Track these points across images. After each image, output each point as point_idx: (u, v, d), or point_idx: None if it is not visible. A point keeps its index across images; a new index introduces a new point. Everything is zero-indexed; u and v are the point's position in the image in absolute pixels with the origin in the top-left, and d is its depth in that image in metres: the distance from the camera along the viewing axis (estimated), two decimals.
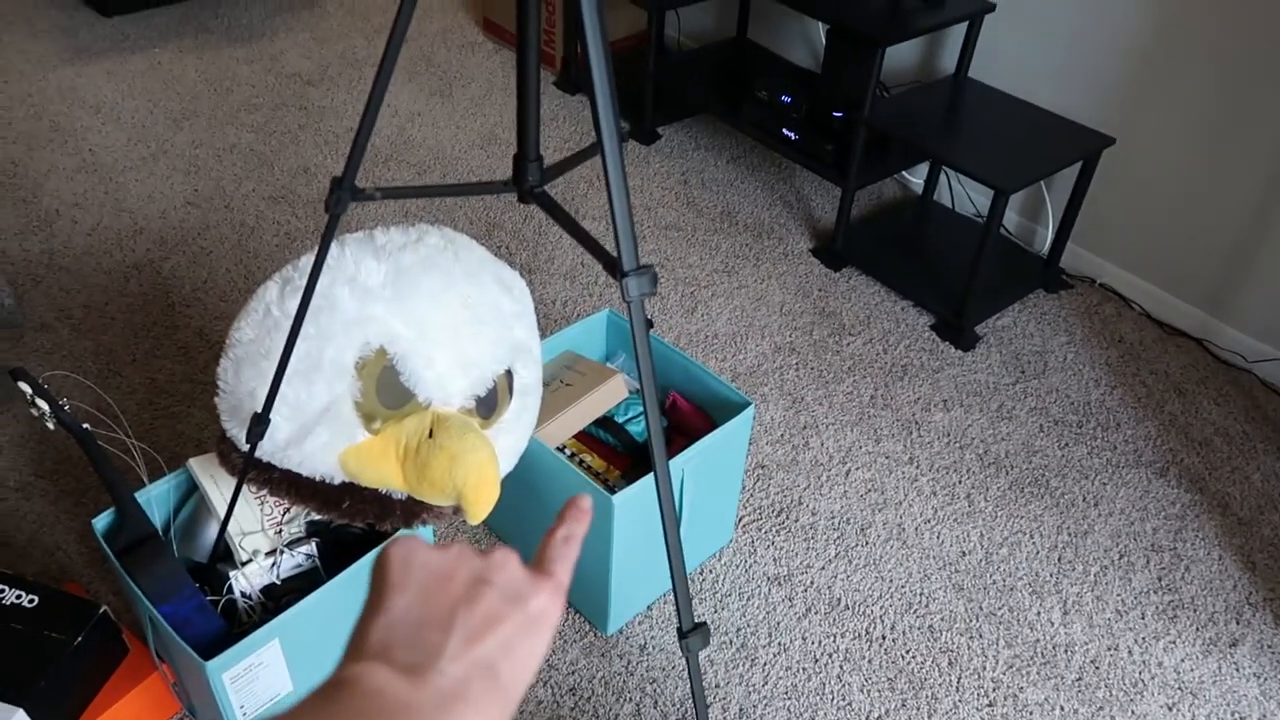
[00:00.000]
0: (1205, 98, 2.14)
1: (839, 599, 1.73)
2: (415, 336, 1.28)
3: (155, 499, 1.44)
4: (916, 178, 2.77)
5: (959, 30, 2.43)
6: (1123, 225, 2.40)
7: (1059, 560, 1.83)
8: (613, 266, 0.95)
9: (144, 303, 2.25)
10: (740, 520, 1.86)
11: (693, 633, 1.19)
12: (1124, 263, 2.43)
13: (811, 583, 1.76)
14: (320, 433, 1.27)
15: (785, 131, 2.53)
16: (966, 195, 2.66)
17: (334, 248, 1.31)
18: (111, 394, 2.01)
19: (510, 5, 3.25)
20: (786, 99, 2.56)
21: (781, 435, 2.04)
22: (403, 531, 1.33)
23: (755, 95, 2.62)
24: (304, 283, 1.21)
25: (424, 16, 3.53)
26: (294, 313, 1.22)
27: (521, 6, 0.94)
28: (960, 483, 1.97)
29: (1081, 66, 2.32)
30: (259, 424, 1.25)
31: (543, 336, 1.71)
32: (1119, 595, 1.77)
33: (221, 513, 1.40)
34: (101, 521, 1.36)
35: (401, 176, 2.73)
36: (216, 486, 1.44)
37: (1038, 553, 1.84)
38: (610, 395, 1.64)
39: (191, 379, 2.06)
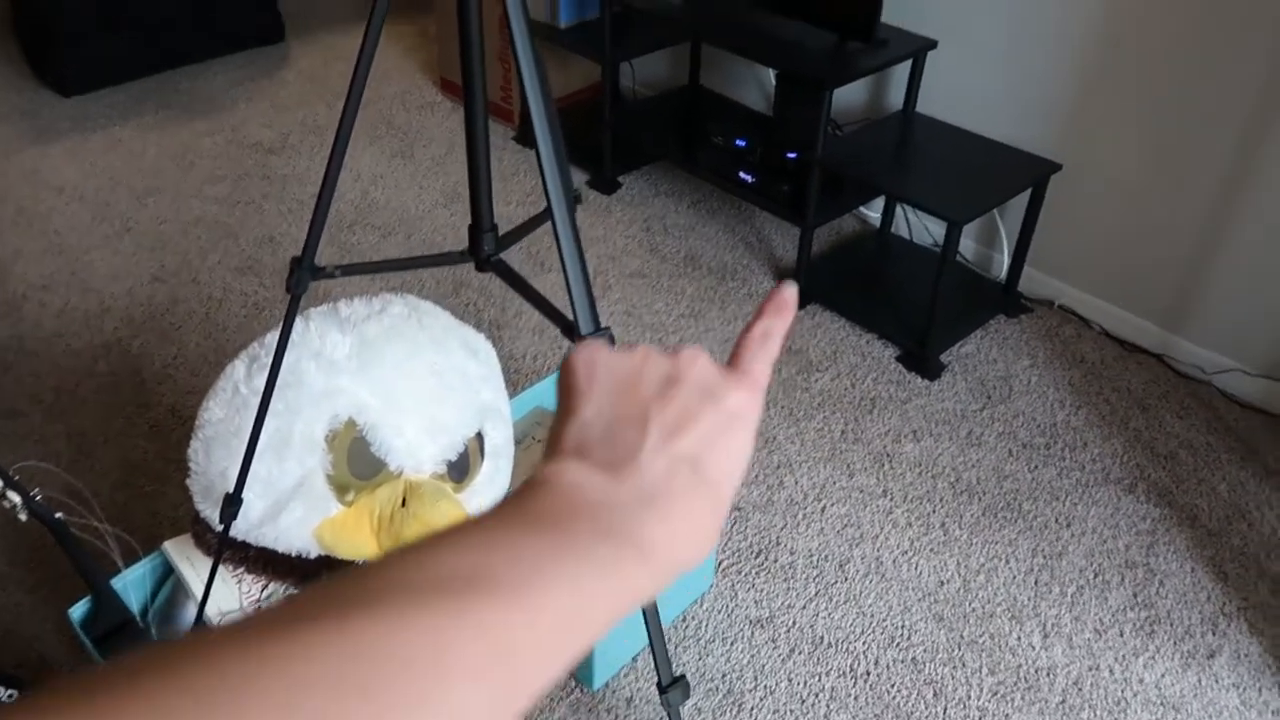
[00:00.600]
0: (1147, 119, 2.21)
1: (822, 637, 1.74)
2: (384, 406, 1.29)
3: (131, 583, 1.43)
4: (873, 212, 2.83)
5: (905, 67, 2.50)
6: (1076, 247, 2.46)
7: (1036, 583, 1.85)
8: (570, 330, 0.98)
9: (114, 382, 2.25)
10: (720, 564, 1.87)
11: (673, 687, 1.20)
12: (1080, 284, 2.49)
13: (794, 623, 1.77)
14: (294, 508, 1.28)
15: (742, 175, 2.58)
16: (923, 227, 2.72)
17: (299, 322, 1.33)
18: (84, 477, 2.00)
19: None
20: (741, 143, 2.61)
21: (756, 476, 2.06)
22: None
23: (711, 140, 2.67)
24: (270, 360, 1.22)
25: (382, 80, 3.58)
26: (262, 390, 1.24)
27: (469, 84, 0.97)
28: (934, 512, 1.99)
29: (1025, 96, 2.39)
30: (231, 504, 1.26)
31: (513, 394, 1.73)
32: (1096, 614, 1.80)
33: (199, 594, 1.40)
34: (78, 610, 1.35)
35: (366, 240, 2.76)
36: (193, 568, 1.44)
37: (1014, 577, 1.86)
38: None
39: (165, 457, 2.06)
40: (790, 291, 0.45)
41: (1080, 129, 2.32)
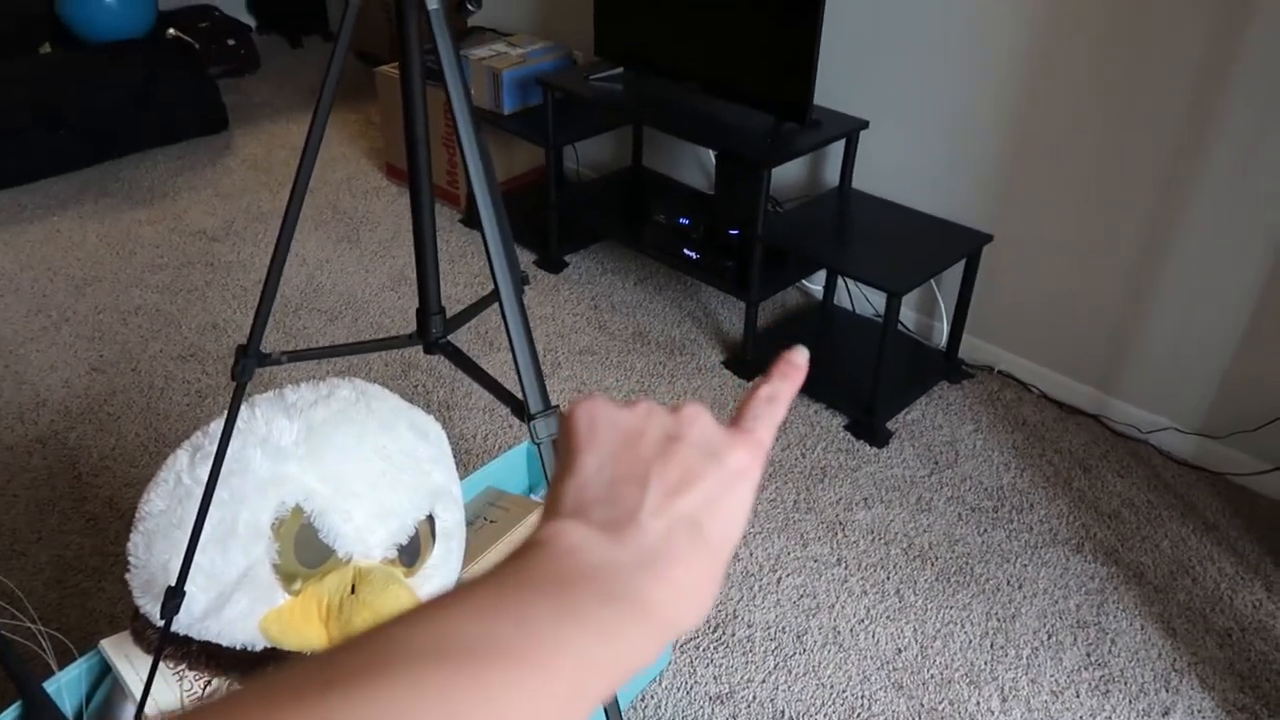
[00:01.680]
0: (1072, 188, 2.31)
1: (782, 711, 1.72)
2: (331, 492, 1.27)
3: (66, 686, 1.37)
4: (816, 284, 2.89)
5: (839, 146, 2.59)
6: (1012, 314, 2.53)
7: (991, 647, 1.86)
8: (520, 410, 0.98)
9: (49, 476, 2.18)
10: (677, 641, 1.85)
11: None
12: (1018, 349, 2.56)
13: (754, 697, 1.75)
14: (239, 600, 1.25)
15: (686, 251, 2.63)
16: (864, 298, 2.79)
17: (244, 410, 1.31)
18: (16, 577, 1.92)
19: None
20: (684, 221, 2.67)
21: None
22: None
23: (654, 219, 2.73)
24: (214, 448, 1.20)
25: (328, 168, 3.61)
26: (205, 480, 1.21)
27: (414, 174, 0.99)
28: (889, 579, 2.00)
29: (954, 171, 2.48)
30: (174, 597, 1.22)
31: (464, 474, 1.71)
32: (1052, 676, 1.81)
33: (138, 694, 1.35)
34: (9, 716, 1.29)
35: (313, 324, 2.74)
36: (132, 666, 1.38)
37: (970, 641, 1.87)
38: (534, 529, 1.65)
39: (101, 552, 1.99)
40: (801, 357, 0.45)
41: (1009, 201, 2.42)
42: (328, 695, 0.27)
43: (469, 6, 0.89)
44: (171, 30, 3.71)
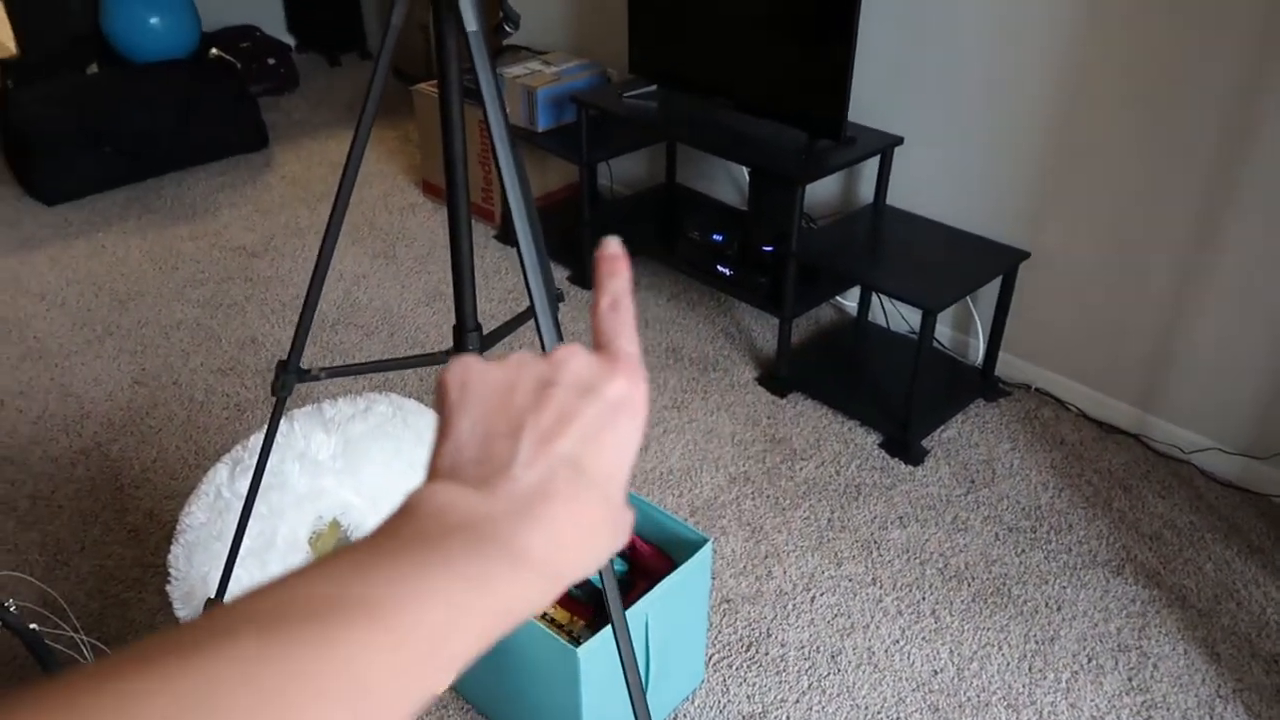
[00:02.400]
0: (1109, 204, 2.29)
1: None
2: (368, 506, 1.28)
3: None
4: (850, 301, 2.88)
5: (874, 163, 2.58)
6: (1049, 332, 2.50)
7: (1029, 670, 1.83)
8: None
9: (92, 488, 2.22)
10: (710, 659, 1.84)
11: None
12: (1055, 366, 2.53)
13: (787, 717, 1.73)
14: None
15: (720, 268, 2.63)
16: (899, 314, 2.77)
17: (283, 424, 1.33)
18: (60, 586, 1.95)
19: None
20: (718, 237, 2.67)
21: (744, 567, 2.04)
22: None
23: (688, 236, 2.73)
24: (254, 462, 1.22)
25: (365, 184, 3.65)
26: (245, 493, 1.23)
27: (451, 191, 1.00)
28: (924, 599, 1.98)
29: (990, 188, 2.47)
30: (213, 608, 1.24)
31: None
32: (1093, 701, 1.77)
33: None
34: None
35: (350, 339, 2.77)
36: None
37: (1008, 664, 1.84)
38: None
39: (142, 563, 2.02)
40: (611, 245, 0.43)
41: (1045, 218, 2.39)
42: (150, 672, 0.26)
43: (506, 28, 0.90)
44: (214, 50, 3.79)
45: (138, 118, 3.53)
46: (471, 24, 0.90)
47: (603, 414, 0.38)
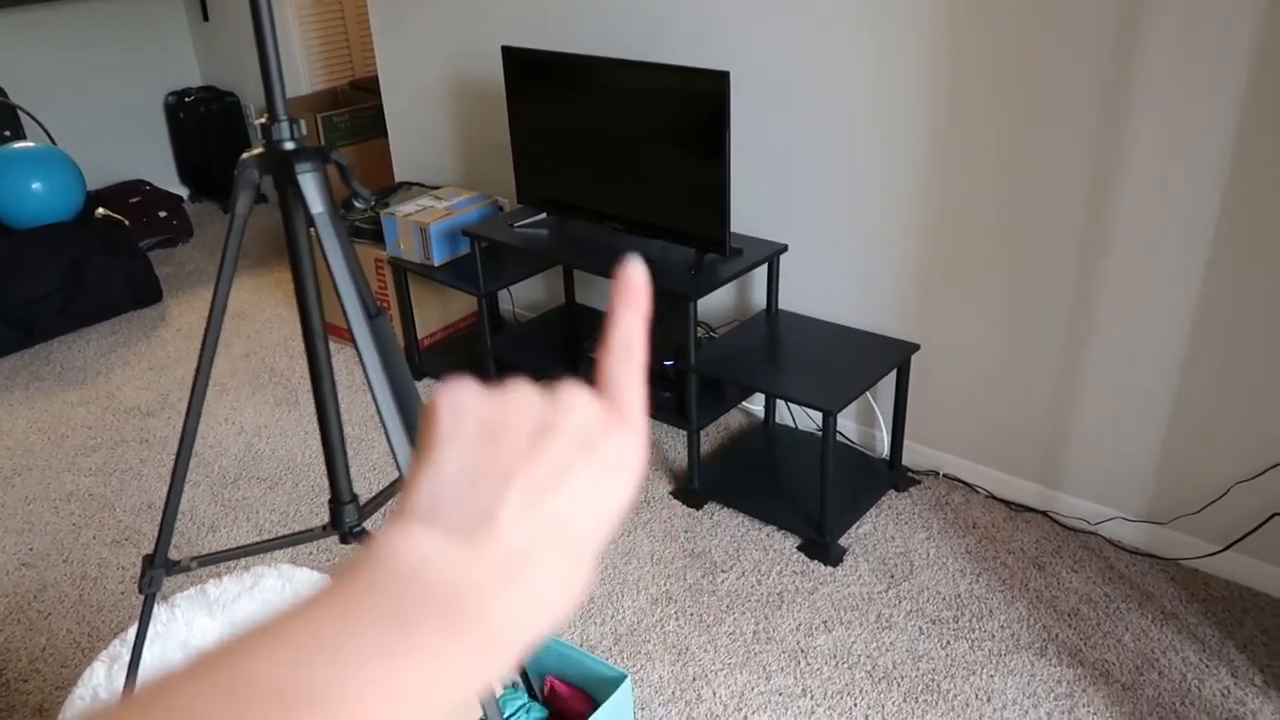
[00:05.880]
0: (987, 289, 2.38)
1: None
2: None
3: None
4: (756, 405, 2.92)
5: (762, 271, 2.65)
6: (948, 418, 2.57)
7: None
8: None
9: None
10: None
11: None
12: (959, 450, 2.58)
13: None
14: None
15: None
16: (805, 413, 2.81)
17: (164, 611, 1.27)
18: None
19: None
20: None
21: (672, 693, 2.00)
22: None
23: (589, 356, 2.75)
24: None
25: (265, 329, 3.61)
26: (122, 693, 1.16)
27: (314, 366, 0.99)
28: (856, 705, 1.95)
29: (874, 286, 2.55)
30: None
31: None
32: None
33: None
34: None
35: (252, 493, 2.68)
36: None
37: None
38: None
39: None
40: (635, 269, 0.39)
41: (929, 309, 2.48)
42: None
43: (356, 203, 0.91)
44: (101, 210, 3.74)
45: (22, 286, 3.44)
46: (317, 206, 0.90)
47: (600, 471, 0.35)
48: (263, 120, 0.93)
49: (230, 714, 0.26)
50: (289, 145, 0.95)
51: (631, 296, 0.38)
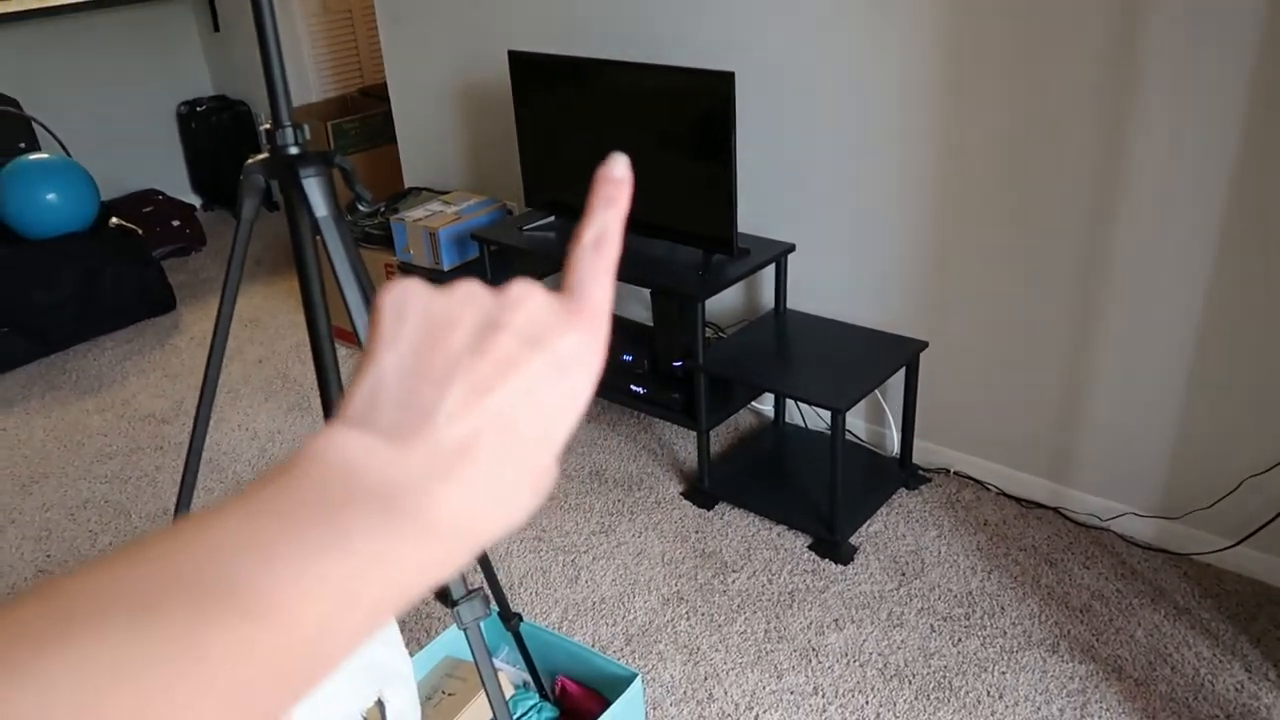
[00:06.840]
0: (995, 285, 2.38)
1: None
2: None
3: None
4: (766, 404, 2.92)
5: (770, 271, 2.66)
6: (958, 415, 2.56)
7: None
8: (444, 595, 0.97)
9: None
10: None
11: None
12: (969, 448, 2.58)
13: None
14: None
15: (633, 387, 2.65)
16: (815, 412, 2.81)
17: None
18: None
19: None
20: (628, 357, 2.70)
21: (684, 693, 2.00)
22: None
23: None
24: None
25: (277, 335, 3.63)
26: None
27: (321, 372, 1.00)
28: (868, 704, 1.95)
29: (882, 283, 2.55)
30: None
31: (417, 649, 1.67)
32: None
33: None
34: None
35: None
36: None
37: None
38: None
39: None
40: (618, 165, 0.38)
41: (938, 305, 2.48)
42: None
43: (359, 206, 0.92)
44: (114, 220, 3.78)
45: (37, 296, 3.48)
46: (321, 209, 0.92)
47: (549, 369, 0.33)
48: (267, 126, 0.95)
49: (145, 600, 0.25)
50: (293, 150, 0.97)
51: (611, 191, 0.37)
